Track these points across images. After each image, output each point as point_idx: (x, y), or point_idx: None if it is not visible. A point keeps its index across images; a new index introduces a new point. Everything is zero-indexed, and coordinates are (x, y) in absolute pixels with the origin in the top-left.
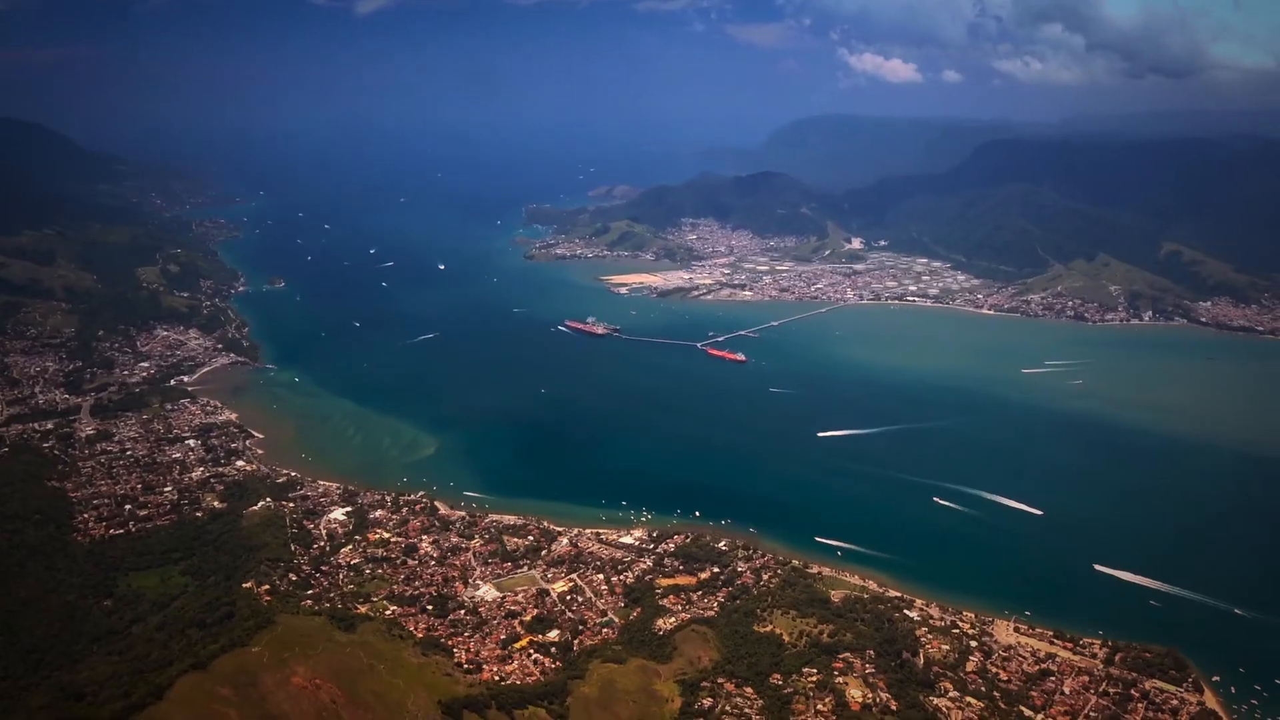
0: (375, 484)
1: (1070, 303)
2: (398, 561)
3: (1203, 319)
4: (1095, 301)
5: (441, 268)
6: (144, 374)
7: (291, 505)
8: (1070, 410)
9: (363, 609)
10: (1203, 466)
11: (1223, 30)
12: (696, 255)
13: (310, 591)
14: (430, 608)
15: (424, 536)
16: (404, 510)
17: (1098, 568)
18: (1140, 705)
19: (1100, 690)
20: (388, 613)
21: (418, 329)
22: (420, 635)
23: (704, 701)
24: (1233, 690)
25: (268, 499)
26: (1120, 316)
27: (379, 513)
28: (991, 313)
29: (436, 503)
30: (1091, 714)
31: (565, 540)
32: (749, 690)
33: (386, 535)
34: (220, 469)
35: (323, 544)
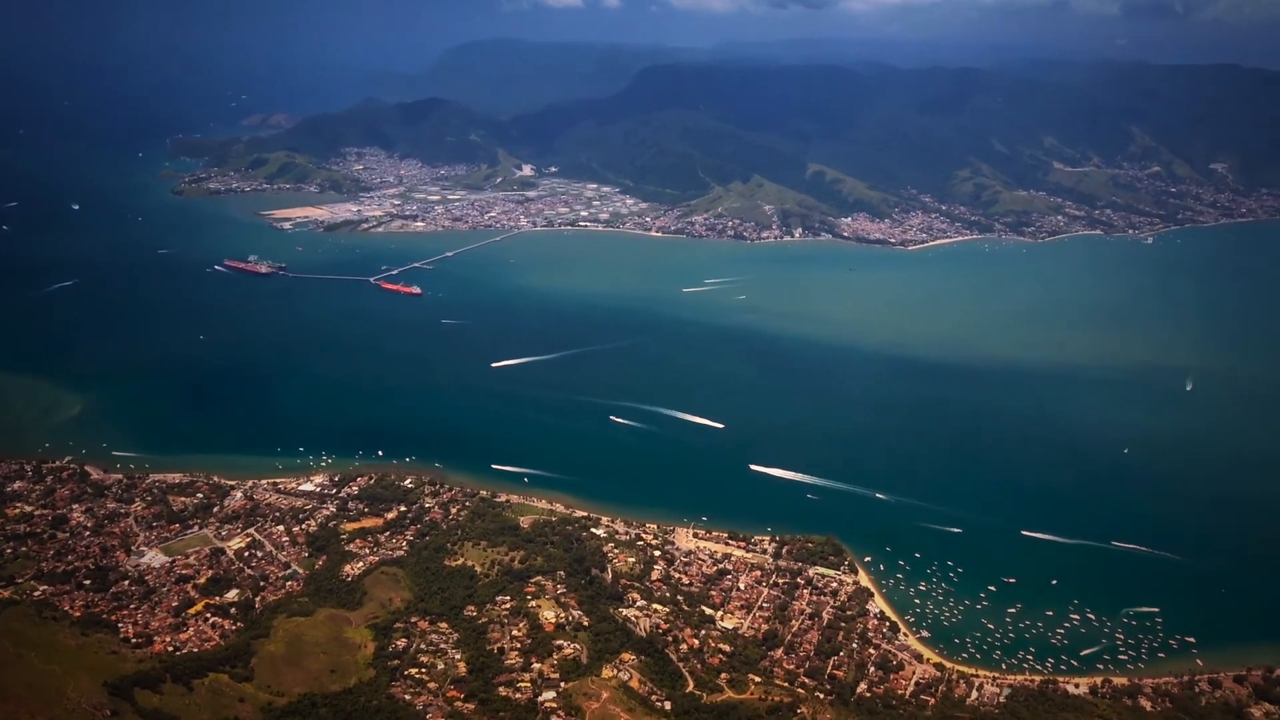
0: (10, 452)
1: (730, 222)
2: (45, 536)
3: (845, 233)
4: (752, 221)
5: (75, 208)
6: None
7: None
8: (736, 324)
9: (5, 593)
10: (850, 369)
11: None
12: (364, 186)
13: None
14: (88, 582)
15: (75, 505)
16: (48, 479)
17: (753, 468)
18: (806, 591)
19: (771, 582)
20: (36, 594)
21: (51, 277)
22: (78, 614)
23: (398, 643)
24: (882, 568)
25: None
26: (775, 234)
27: (18, 484)
28: (659, 235)
29: (87, 467)
30: (764, 605)
31: (239, 494)
32: (444, 625)
33: (29, 509)
34: None
35: None
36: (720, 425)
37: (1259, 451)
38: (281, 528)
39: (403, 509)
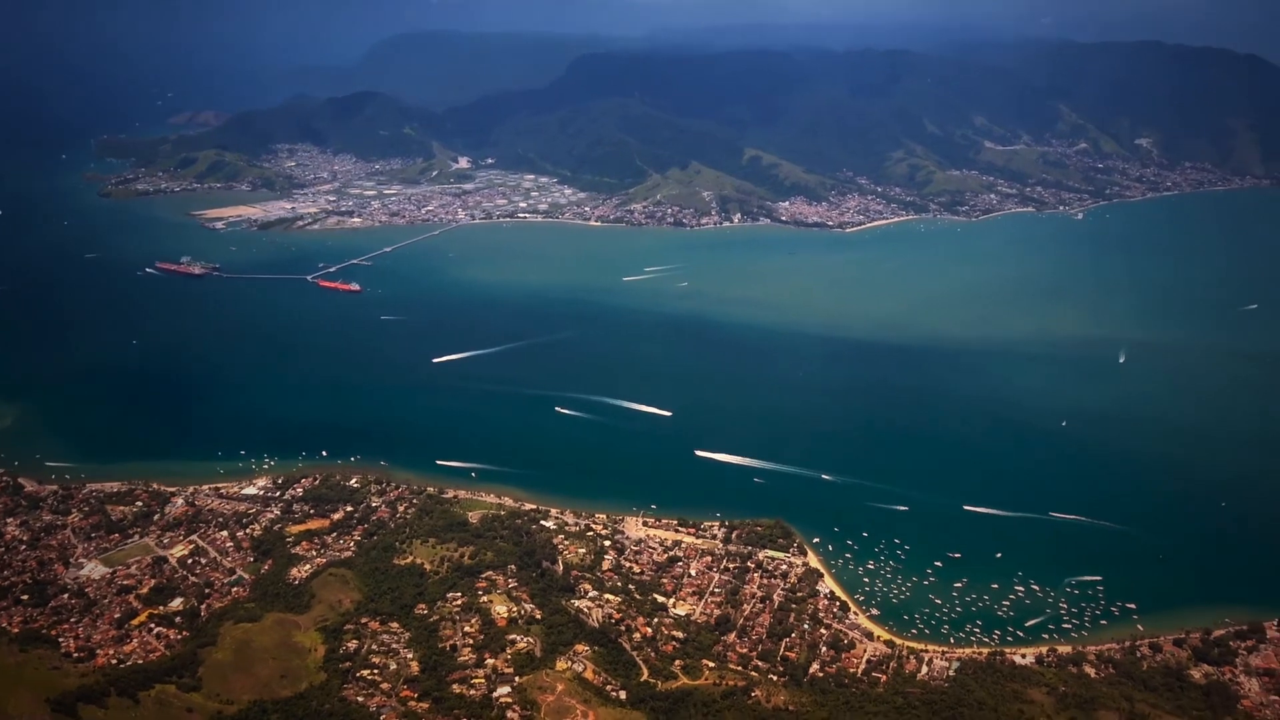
0: None
1: (670, 210)
2: None
3: (783, 217)
4: (691, 207)
5: None
6: None
7: None
8: (679, 311)
9: None
10: (793, 352)
11: None
12: (298, 183)
13: None
14: (26, 597)
15: (9, 519)
16: None
17: (699, 453)
18: (756, 575)
19: (721, 567)
20: None
21: None
22: (16, 630)
23: (349, 644)
24: (830, 548)
25: None
26: (714, 220)
27: None
28: (599, 224)
29: (20, 479)
30: (716, 590)
31: (180, 500)
32: (395, 625)
33: None
34: None
35: None
36: (667, 413)
37: (1189, 421)
38: (225, 533)
39: (349, 509)
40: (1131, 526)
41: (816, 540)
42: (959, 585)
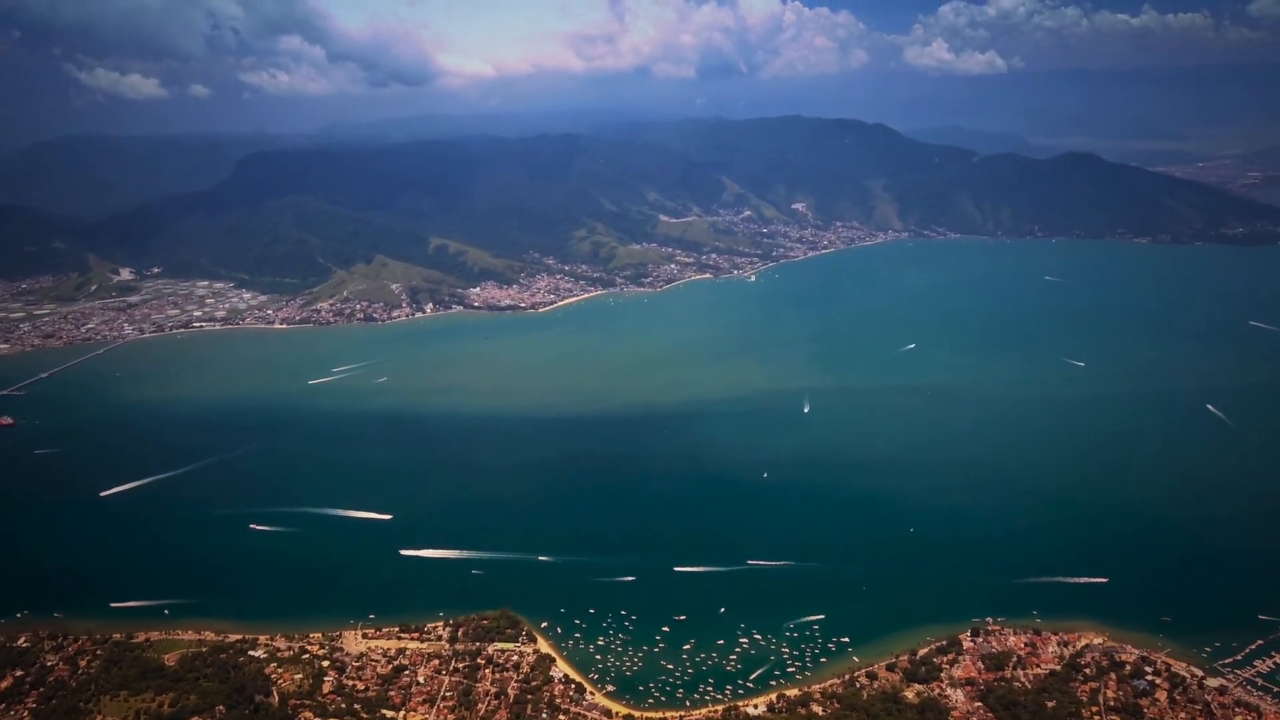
0: None
1: (359, 305)
2: None
3: (476, 303)
4: (381, 301)
5: None
6: None
7: None
8: (381, 409)
9: None
10: (499, 437)
11: (443, 40)
12: None
13: None
14: None
15: None
16: None
17: (405, 553)
18: (488, 670)
19: (451, 669)
20: None
21: None
22: None
23: None
24: (559, 630)
25: None
26: (406, 312)
27: None
28: (284, 327)
29: None
30: (448, 694)
31: None
32: None
33: None
34: None
35: None
36: (386, 516)
37: (873, 456)
38: None
39: (19, 673)
40: (835, 564)
41: (544, 625)
42: (688, 647)
